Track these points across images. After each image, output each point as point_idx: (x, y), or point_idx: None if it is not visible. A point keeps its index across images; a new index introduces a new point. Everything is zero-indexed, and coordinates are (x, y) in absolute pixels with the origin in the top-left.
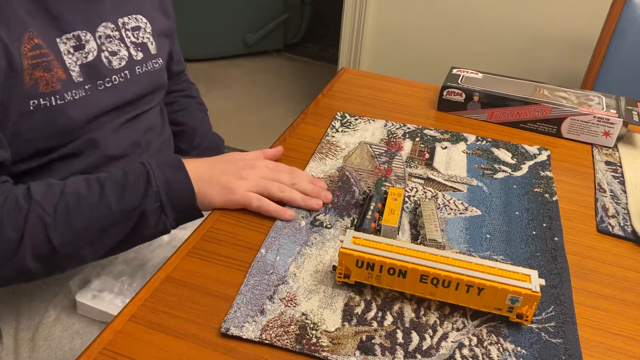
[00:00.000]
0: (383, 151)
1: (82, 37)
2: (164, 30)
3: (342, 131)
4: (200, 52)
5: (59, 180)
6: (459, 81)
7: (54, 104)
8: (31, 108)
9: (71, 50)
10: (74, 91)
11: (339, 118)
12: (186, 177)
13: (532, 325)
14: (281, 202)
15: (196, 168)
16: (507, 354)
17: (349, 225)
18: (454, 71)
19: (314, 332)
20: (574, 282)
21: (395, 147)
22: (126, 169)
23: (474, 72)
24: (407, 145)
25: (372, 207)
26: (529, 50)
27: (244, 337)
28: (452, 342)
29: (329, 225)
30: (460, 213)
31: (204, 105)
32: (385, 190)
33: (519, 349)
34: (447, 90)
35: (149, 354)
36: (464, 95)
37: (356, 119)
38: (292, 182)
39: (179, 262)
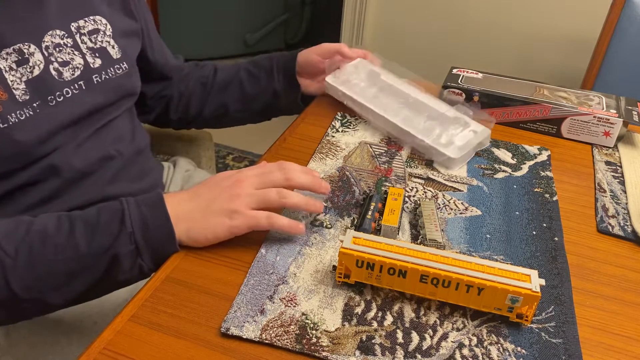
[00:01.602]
0: (383, 151)
1: (25, 50)
2: (129, 31)
3: (342, 131)
4: (200, 52)
5: (31, 217)
6: (459, 81)
7: None
8: None
9: (13, 66)
10: (18, 112)
11: (339, 118)
12: (165, 215)
13: (532, 325)
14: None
15: (179, 203)
16: (507, 354)
17: (349, 225)
18: (454, 71)
19: (314, 332)
20: (574, 282)
21: (396, 147)
22: (101, 206)
23: (474, 72)
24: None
25: (372, 207)
26: (529, 50)
27: (244, 337)
28: (452, 342)
29: (329, 225)
30: (461, 213)
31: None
32: (386, 190)
33: (519, 349)
34: (447, 90)
35: (149, 354)
36: (464, 95)
37: (356, 119)
38: (286, 179)
39: (179, 262)
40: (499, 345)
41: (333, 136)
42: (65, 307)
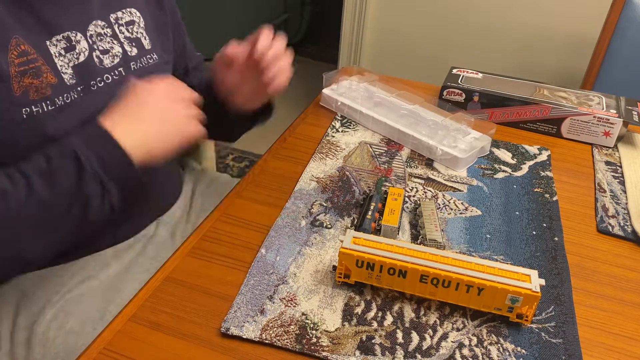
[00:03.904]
0: (383, 151)
1: (72, 38)
2: (158, 24)
3: (342, 131)
4: (200, 52)
5: None
6: (459, 81)
7: (45, 110)
8: (24, 116)
9: (62, 52)
10: (65, 95)
11: (339, 118)
12: (117, 147)
13: (532, 325)
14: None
15: (127, 131)
16: (507, 354)
17: (349, 225)
18: (454, 71)
19: (314, 332)
20: (574, 282)
21: (396, 147)
22: (49, 153)
23: (474, 72)
24: None
25: (372, 207)
26: (529, 50)
27: (244, 337)
28: (452, 342)
29: (329, 225)
30: (461, 213)
31: None
32: (386, 190)
33: (519, 349)
34: (447, 90)
35: (149, 354)
36: (464, 95)
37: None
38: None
39: (179, 262)
40: (499, 345)
41: (333, 136)
42: (44, 261)
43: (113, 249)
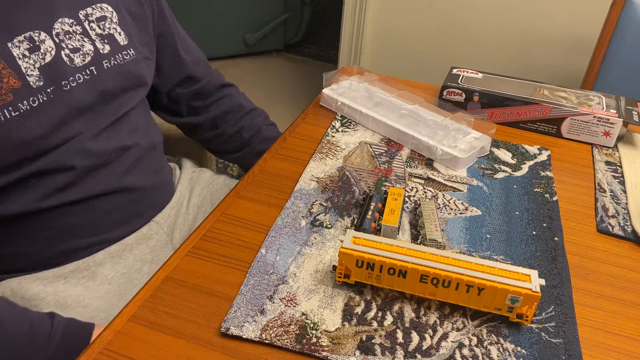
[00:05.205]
0: (383, 151)
1: (36, 38)
2: (136, 18)
3: (342, 131)
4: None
5: None
6: (459, 81)
7: (8, 117)
8: None
9: (26, 53)
10: (31, 98)
11: (339, 118)
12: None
13: (532, 325)
14: None
15: None
16: (507, 354)
17: (349, 225)
18: (454, 71)
19: (314, 332)
20: (574, 282)
21: (396, 147)
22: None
23: (474, 72)
24: None
25: (372, 207)
26: (529, 50)
27: (244, 337)
28: (452, 342)
29: (329, 225)
30: (461, 213)
31: (255, 112)
32: (386, 190)
33: (519, 349)
34: (447, 90)
35: (149, 354)
36: (464, 95)
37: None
38: None
39: (179, 262)
40: (499, 345)
41: (333, 136)
42: None
43: (108, 251)
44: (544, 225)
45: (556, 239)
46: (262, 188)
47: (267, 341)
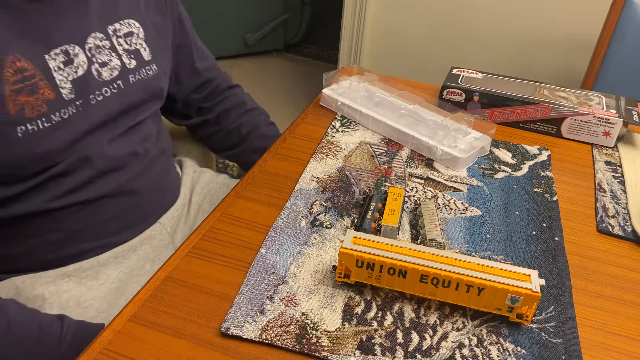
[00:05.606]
0: (383, 151)
1: (71, 51)
2: (159, 32)
3: (342, 131)
4: None
5: None
6: (459, 81)
7: (41, 127)
8: (19, 135)
9: (61, 66)
10: (62, 110)
11: (339, 118)
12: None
13: (532, 325)
14: None
15: None
16: (507, 354)
17: (349, 225)
18: (454, 71)
19: (314, 332)
20: (574, 282)
21: (396, 147)
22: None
23: (474, 72)
24: None
25: (372, 207)
26: (529, 50)
27: (244, 337)
28: (452, 342)
29: (329, 225)
30: (461, 213)
31: (263, 116)
32: (386, 190)
33: (519, 349)
34: (447, 90)
35: (149, 354)
36: (464, 95)
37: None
38: None
39: (179, 262)
40: (499, 345)
41: (333, 136)
42: None
43: (113, 252)
44: (544, 225)
45: (556, 239)
46: (262, 188)
47: (267, 341)
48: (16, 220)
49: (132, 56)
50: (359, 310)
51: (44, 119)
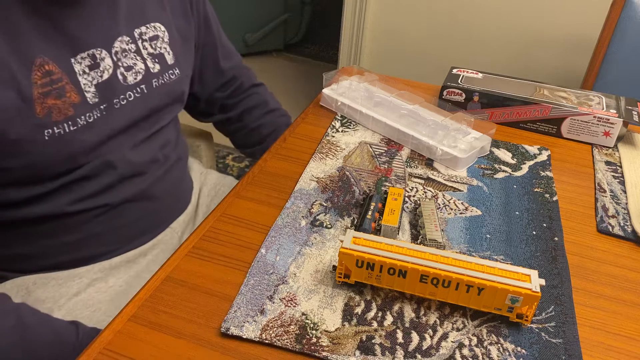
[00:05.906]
0: (383, 151)
1: (97, 55)
2: (183, 36)
3: (342, 131)
4: None
5: None
6: (459, 81)
7: (67, 130)
8: (46, 138)
9: (86, 69)
10: (88, 114)
11: (339, 118)
12: None
13: (532, 325)
14: None
15: None
16: (507, 354)
17: (349, 225)
18: (454, 71)
19: (314, 332)
20: (574, 282)
21: (396, 147)
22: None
23: (474, 72)
24: None
25: (372, 207)
26: (529, 50)
27: (244, 337)
28: (452, 342)
29: (329, 225)
30: (461, 213)
31: (278, 112)
32: (386, 190)
33: (519, 349)
34: (447, 90)
35: (149, 354)
36: (464, 95)
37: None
38: None
39: (179, 262)
40: (499, 345)
41: (333, 136)
42: None
43: (125, 256)
44: (544, 225)
45: (556, 239)
46: (262, 188)
47: (267, 341)
48: (35, 221)
49: (157, 60)
50: (359, 310)
51: (70, 123)
